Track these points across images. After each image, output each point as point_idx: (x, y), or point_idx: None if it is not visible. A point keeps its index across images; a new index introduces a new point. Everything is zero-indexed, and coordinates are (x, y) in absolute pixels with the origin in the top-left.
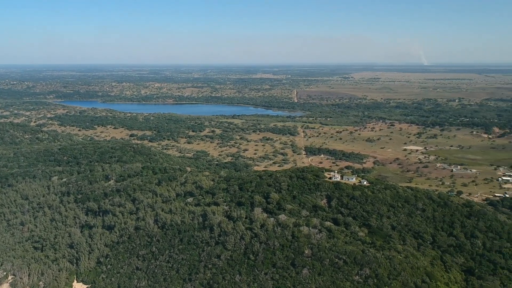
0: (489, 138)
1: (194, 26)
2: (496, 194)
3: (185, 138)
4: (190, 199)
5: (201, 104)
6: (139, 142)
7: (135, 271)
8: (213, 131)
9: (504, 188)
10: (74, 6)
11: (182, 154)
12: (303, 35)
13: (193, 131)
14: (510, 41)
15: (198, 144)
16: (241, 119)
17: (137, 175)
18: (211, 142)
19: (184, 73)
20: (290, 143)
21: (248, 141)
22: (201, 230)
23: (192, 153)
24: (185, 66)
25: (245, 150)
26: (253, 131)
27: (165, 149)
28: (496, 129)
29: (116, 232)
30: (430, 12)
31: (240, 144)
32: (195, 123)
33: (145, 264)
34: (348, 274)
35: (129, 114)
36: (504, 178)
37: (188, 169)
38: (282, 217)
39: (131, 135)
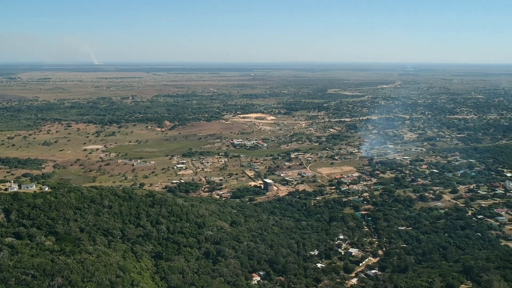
0: (162, 131)
1: None
2: (173, 181)
3: None
4: None
5: None
6: None
7: None
8: None
9: (179, 174)
10: None
11: None
12: None
13: None
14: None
15: None
16: None
17: None
18: None
19: None
20: None
21: None
22: None
23: None
24: None
25: None
26: None
27: None
28: (167, 123)
29: None
30: (92, 12)
31: None
32: None
33: None
34: None
35: None
36: (178, 166)
37: None
38: None
39: None
